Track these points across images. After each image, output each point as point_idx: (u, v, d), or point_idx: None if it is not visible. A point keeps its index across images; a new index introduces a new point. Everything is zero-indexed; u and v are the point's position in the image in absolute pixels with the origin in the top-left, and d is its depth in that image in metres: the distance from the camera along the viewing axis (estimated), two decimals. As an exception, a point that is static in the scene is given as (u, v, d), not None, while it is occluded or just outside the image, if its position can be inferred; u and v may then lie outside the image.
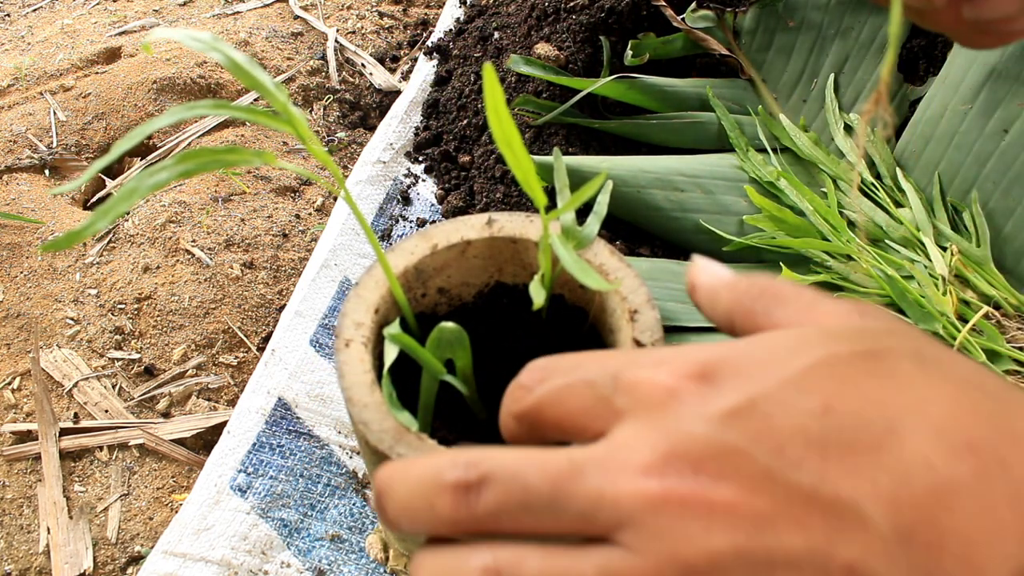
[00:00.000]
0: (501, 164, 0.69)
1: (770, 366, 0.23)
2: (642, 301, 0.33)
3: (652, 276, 0.58)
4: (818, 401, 0.22)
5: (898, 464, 0.21)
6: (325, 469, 0.56)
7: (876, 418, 0.22)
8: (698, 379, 0.24)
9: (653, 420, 0.23)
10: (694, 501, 0.22)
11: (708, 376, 0.24)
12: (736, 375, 0.23)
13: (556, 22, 0.74)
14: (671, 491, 0.22)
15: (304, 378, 0.60)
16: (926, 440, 0.21)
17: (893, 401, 0.22)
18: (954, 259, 0.56)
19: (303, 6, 1.02)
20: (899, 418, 0.22)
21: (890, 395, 0.22)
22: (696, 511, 0.21)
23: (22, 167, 0.81)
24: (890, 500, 0.21)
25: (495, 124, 0.27)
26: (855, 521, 0.21)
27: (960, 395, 0.23)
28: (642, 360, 0.25)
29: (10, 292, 0.71)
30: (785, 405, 0.22)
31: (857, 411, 0.22)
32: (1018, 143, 0.57)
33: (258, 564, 0.51)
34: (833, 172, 0.64)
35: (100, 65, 0.93)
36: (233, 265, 0.72)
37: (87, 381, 0.65)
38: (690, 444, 0.22)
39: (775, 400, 0.22)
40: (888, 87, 0.29)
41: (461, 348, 0.32)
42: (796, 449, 0.22)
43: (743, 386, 0.23)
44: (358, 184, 0.72)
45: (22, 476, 0.61)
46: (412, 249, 0.36)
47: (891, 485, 0.21)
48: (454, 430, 0.34)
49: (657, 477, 0.22)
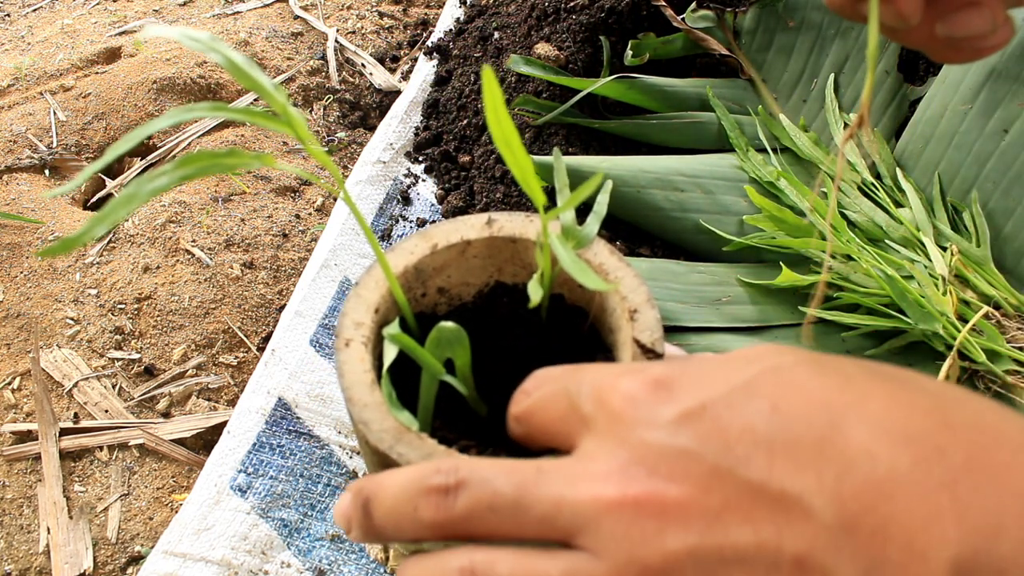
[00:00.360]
0: (501, 164, 0.69)
1: (721, 375, 0.25)
2: (642, 300, 0.33)
3: (652, 276, 0.58)
4: (765, 403, 0.23)
5: (841, 457, 0.22)
6: (325, 469, 0.56)
7: (820, 416, 0.23)
8: (654, 389, 0.25)
9: (613, 430, 0.25)
10: (648, 503, 0.23)
11: (664, 386, 0.25)
12: (689, 383, 0.25)
13: (556, 22, 0.74)
14: (626, 495, 0.23)
15: (304, 378, 0.60)
16: (867, 433, 0.22)
17: (836, 400, 0.23)
18: (954, 259, 0.56)
19: (303, 6, 1.02)
20: (841, 414, 0.23)
21: (833, 395, 0.23)
22: (650, 513, 0.22)
23: (22, 167, 0.81)
24: (834, 492, 0.21)
25: (494, 124, 0.27)
26: (801, 514, 0.21)
27: (899, 391, 0.24)
28: (612, 371, 0.27)
29: (10, 292, 0.71)
30: (734, 408, 0.23)
31: (802, 410, 0.23)
32: (1018, 143, 0.57)
33: (258, 564, 0.51)
34: (833, 172, 0.64)
35: (100, 65, 0.93)
36: (233, 265, 0.72)
37: (87, 381, 0.65)
38: (645, 449, 0.24)
39: (724, 404, 0.24)
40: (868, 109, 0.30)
41: (461, 348, 0.32)
42: (744, 447, 0.23)
43: (695, 393, 0.24)
44: (358, 184, 0.72)
45: (22, 476, 0.61)
46: (412, 249, 0.36)
47: (835, 477, 0.22)
48: (454, 429, 0.34)
49: (614, 482, 0.23)
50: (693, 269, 0.60)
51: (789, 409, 0.23)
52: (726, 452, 0.23)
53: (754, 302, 0.58)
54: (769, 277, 0.59)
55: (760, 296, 0.59)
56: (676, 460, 0.23)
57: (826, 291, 0.58)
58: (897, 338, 0.56)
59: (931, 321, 0.54)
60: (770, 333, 0.57)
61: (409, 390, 0.33)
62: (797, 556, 0.21)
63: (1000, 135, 0.58)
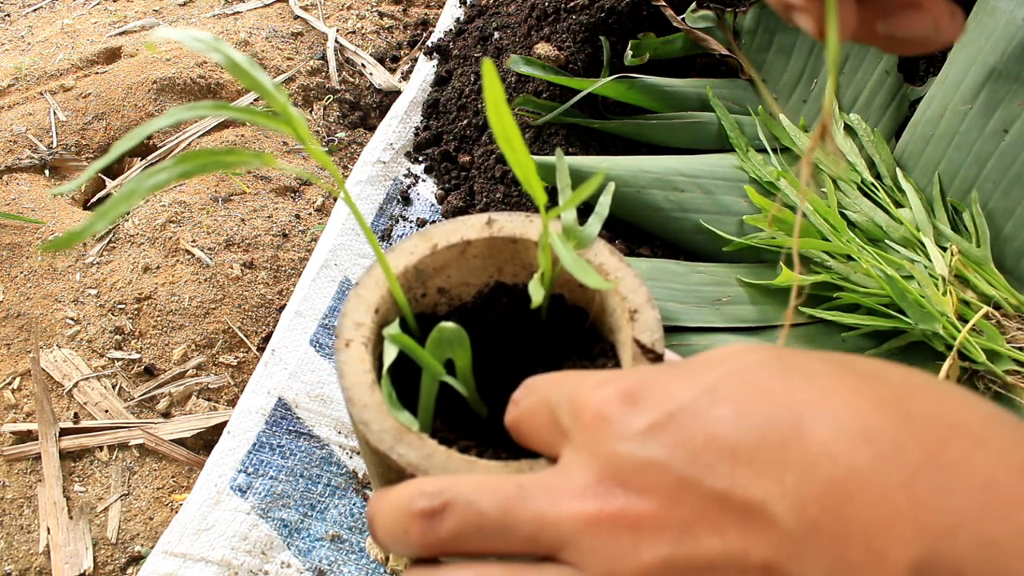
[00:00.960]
0: (501, 164, 0.69)
1: (687, 381, 0.25)
2: (642, 301, 0.33)
3: (652, 276, 0.58)
4: (729, 408, 0.23)
5: (803, 459, 0.22)
6: (325, 469, 0.56)
7: (783, 416, 0.23)
8: (623, 401, 0.25)
9: (587, 443, 0.25)
10: (623, 518, 0.23)
11: (633, 397, 0.25)
12: (657, 393, 0.25)
13: (556, 22, 0.74)
14: (603, 510, 0.24)
15: (304, 378, 0.60)
16: (827, 432, 0.22)
17: (798, 398, 0.23)
18: (954, 259, 0.56)
19: (303, 6, 1.02)
20: (803, 413, 0.23)
21: (796, 393, 0.23)
22: (625, 527, 0.23)
23: (22, 167, 0.81)
24: (796, 496, 0.22)
25: (495, 121, 0.27)
26: (765, 521, 0.22)
27: (861, 384, 0.23)
28: (588, 382, 0.27)
29: (10, 292, 0.71)
30: (699, 414, 0.24)
31: (765, 412, 0.23)
32: (1018, 143, 0.57)
33: (258, 564, 0.51)
34: (833, 172, 0.64)
35: (100, 65, 0.93)
36: (233, 265, 0.72)
37: (87, 381, 0.65)
38: (617, 463, 0.24)
39: (690, 411, 0.24)
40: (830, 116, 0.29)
41: (461, 348, 0.32)
42: (710, 455, 0.23)
43: (662, 402, 0.25)
44: (358, 184, 0.72)
45: (22, 476, 0.61)
46: (412, 249, 0.36)
47: (796, 481, 0.22)
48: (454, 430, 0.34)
49: (592, 498, 0.24)
50: (693, 269, 0.60)
51: (751, 412, 0.23)
52: (693, 462, 0.23)
53: (754, 302, 0.58)
54: (769, 277, 0.59)
55: (760, 296, 0.59)
56: (646, 472, 0.24)
57: (826, 291, 0.58)
58: (897, 338, 0.56)
59: (931, 321, 0.54)
60: (770, 333, 0.57)
61: (409, 391, 0.33)
62: (764, 563, 0.22)
63: (1000, 135, 0.58)
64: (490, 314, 0.39)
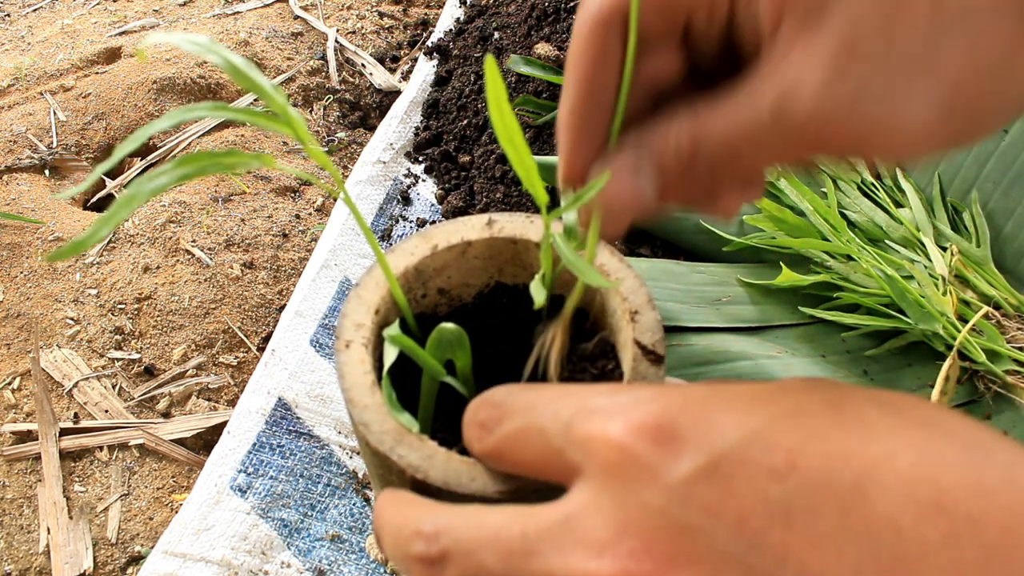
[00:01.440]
0: (501, 164, 0.69)
1: (731, 419, 0.22)
2: (642, 302, 0.33)
3: (652, 276, 0.58)
4: (783, 458, 0.21)
5: (865, 529, 0.20)
6: (325, 469, 0.56)
7: (842, 474, 0.20)
8: (655, 438, 0.22)
9: (609, 487, 0.22)
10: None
11: (666, 434, 0.22)
12: (695, 431, 0.22)
13: (556, 22, 0.74)
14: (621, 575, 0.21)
15: (304, 378, 0.60)
16: (893, 499, 0.20)
17: (859, 452, 0.21)
18: (954, 259, 0.56)
19: (303, 6, 1.02)
20: (866, 473, 0.20)
21: (856, 446, 0.21)
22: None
23: (22, 167, 0.81)
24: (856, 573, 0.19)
25: (497, 119, 0.27)
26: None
27: (926, 443, 0.21)
28: (593, 408, 0.24)
29: (10, 292, 0.71)
30: (747, 465, 0.21)
31: (823, 467, 0.21)
32: (1018, 143, 0.57)
33: (258, 564, 0.51)
34: (833, 172, 0.64)
35: (100, 65, 0.93)
36: (233, 265, 0.72)
37: (87, 381, 0.65)
38: (645, 520, 0.21)
39: (737, 460, 0.21)
40: None
41: (461, 349, 0.32)
42: (759, 520, 0.20)
43: (703, 445, 0.21)
44: (358, 184, 0.72)
45: (22, 476, 0.61)
46: (412, 250, 0.36)
47: (857, 555, 0.19)
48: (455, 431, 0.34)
49: (609, 557, 0.21)
50: (693, 269, 0.60)
51: (809, 465, 0.20)
52: (738, 529, 0.20)
53: (754, 302, 0.58)
54: (769, 277, 0.59)
55: (760, 296, 0.59)
56: (680, 537, 0.21)
57: (826, 291, 0.58)
58: (897, 338, 0.56)
59: (931, 321, 0.54)
60: (770, 333, 0.57)
61: (409, 391, 0.33)
62: None
63: (1000, 135, 0.58)
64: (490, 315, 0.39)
